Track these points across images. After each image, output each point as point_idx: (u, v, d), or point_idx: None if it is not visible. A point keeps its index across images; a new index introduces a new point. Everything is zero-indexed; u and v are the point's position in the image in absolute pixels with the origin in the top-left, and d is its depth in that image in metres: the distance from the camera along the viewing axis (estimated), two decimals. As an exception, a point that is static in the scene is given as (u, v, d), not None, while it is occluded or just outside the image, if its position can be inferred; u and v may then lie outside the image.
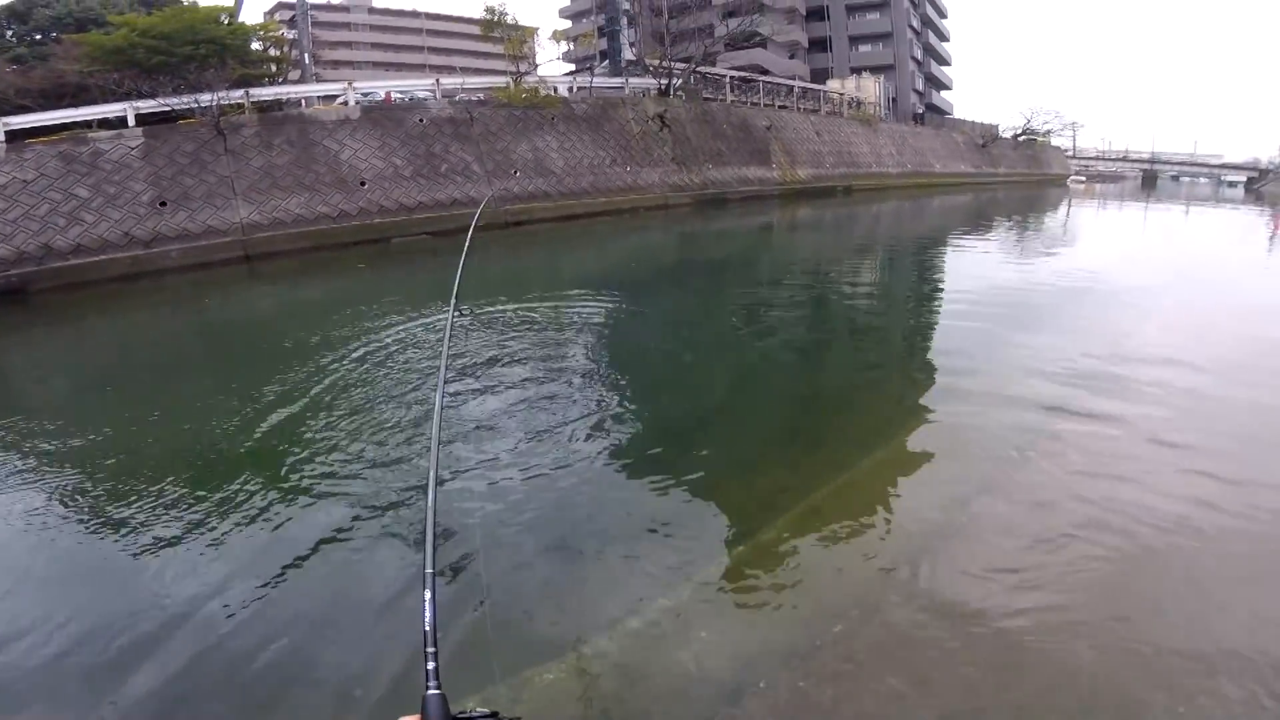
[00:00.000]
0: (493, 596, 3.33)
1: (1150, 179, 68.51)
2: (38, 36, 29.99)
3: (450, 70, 38.61)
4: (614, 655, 2.85)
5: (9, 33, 31.55)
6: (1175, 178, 75.34)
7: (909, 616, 3.02)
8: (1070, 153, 68.23)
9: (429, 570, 1.28)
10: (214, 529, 4.02)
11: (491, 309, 9.25)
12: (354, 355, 7.17)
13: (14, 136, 15.04)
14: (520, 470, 4.52)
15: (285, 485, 4.48)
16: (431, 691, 1.03)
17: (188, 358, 8.60)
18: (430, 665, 1.08)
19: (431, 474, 1.52)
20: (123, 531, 4.10)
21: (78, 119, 16.22)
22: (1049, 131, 56.92)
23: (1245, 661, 2.69)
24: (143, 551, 3.85)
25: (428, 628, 1.17)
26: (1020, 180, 51.03)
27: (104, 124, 16.34)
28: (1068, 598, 3.11)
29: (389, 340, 7.78)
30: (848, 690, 2.66)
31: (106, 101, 16.96)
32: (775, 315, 9.54)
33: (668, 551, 3.61)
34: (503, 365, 6.83)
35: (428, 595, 1.21)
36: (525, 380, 6.33)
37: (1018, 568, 3.36)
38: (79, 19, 29.42)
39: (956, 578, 3.29)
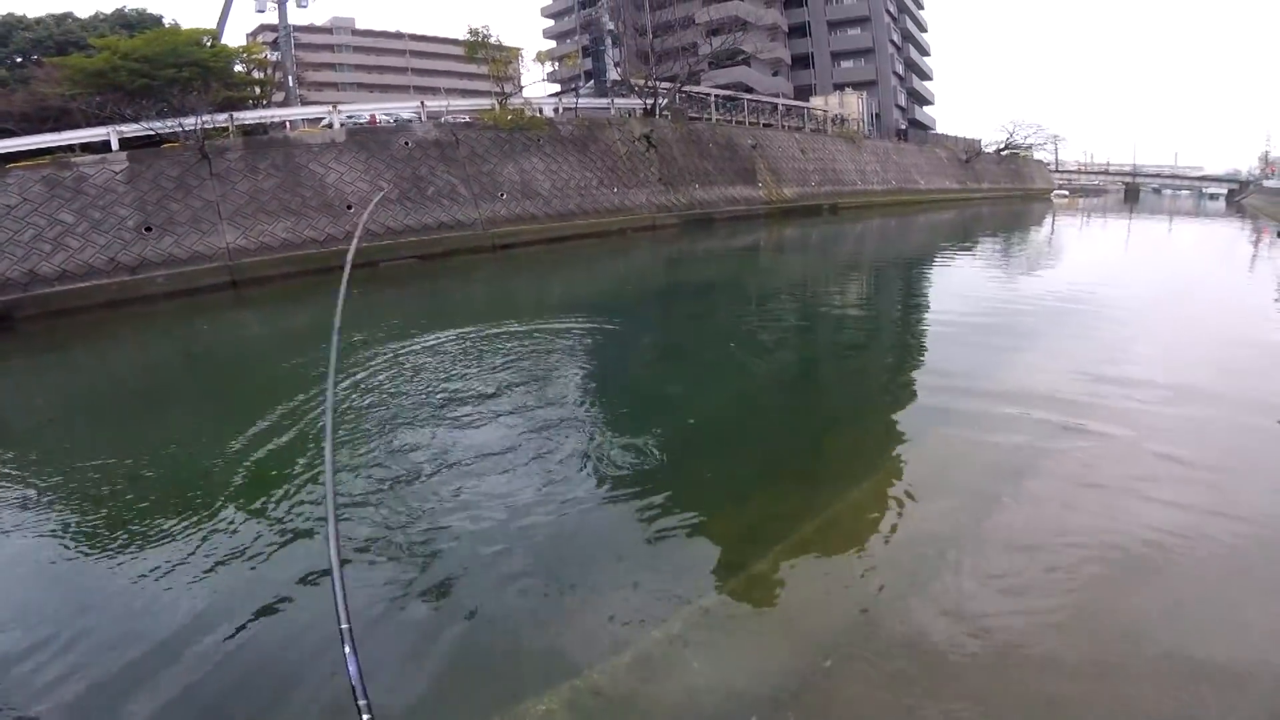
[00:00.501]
0: (482, 628, 3.36)
1: (1133, 192, 70.12)
2: (18, 59, 29.79)
3: (435, 92, 38.90)
4: (605, 688, 2.86)
5: (-11, 56, 31.32)
6: (1157, 191, 77.18)
7: (901, 652, 3.03)
8: (1053, 166, 69.75)
9: (344, 626, 1.23)
10: (195, 561, 4.03)
11: (480, 334, 9.32)
12: (341, 384, 7.18)
13: (-4, 162, 14.95)
14: (509, 499, 4.56)
15: (265, 516, 4.52)
16: None
17: (175, 387, 8.56)
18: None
19: (330, 527, 1.46)
20: (103, 561, 4.11)
21: (61, 143, 16.17)
22: (1031, 145, 58.18)
23: (1246, 675, 2.75)
24: (129, 579, 3.88)
25: (354, 683, 1.13)
26: (1004, 195, 51.96)
27: (87, 148, 16.28)
28: (1060, 634, 3.11)
29: (378, 367, 7.82)
30: None
31: (90, 125, 16.90)
32: (763, 339, 9.63)
33: (659, 583, 3.63)
34: (490, 391, 6.87)
35: (348, 650, 1.18)
36: (513, 407, 6.38)
37: (1010, 602, 3.38)
38: (59, 42, 29.31)
39: (948, 613, 3.30)
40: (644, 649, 3.08)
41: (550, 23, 55.40)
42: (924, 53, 57.23)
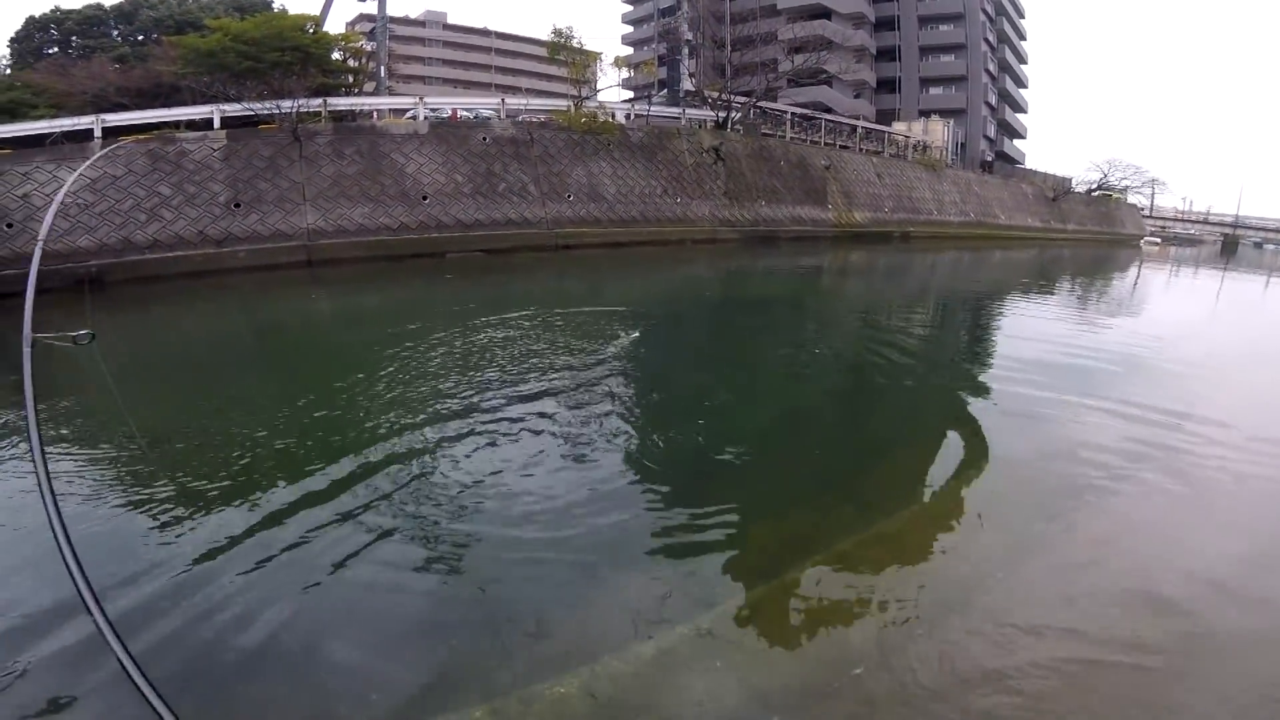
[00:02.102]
0: (505, 608, 3.35)
1: (1231, 245, 64.74)
2: (140, 37, 32.14)
3: (516, 90, 39.87)
4: (626, 678, 2.83)
5: (115, 32, 33.95)
6: (1259, 244, 70.94)
7: (930, 668, 2.96)
8: (1146, 211, 65.31)
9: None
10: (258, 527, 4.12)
11: (534, 328, 9.45)
12: (412, 367, 7.29)
13: (109, 133, 16.09)
14: (546, 487, 4.63)
15: (312, 487, 4.60)
16: None
17: (249, 362, 8.91)
18: None
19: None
20: (171, 516, 4.21)
21: (168, 119, 17.24)
22: (1126, 188, 54.45)
23: None
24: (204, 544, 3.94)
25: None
26: (1090, 239, 49.13)
27: (191, 125, 17.33)
28: (1092, 666, 3.03)
29: (455, 346, 7.94)
30: None
31: (196, 103, 17.97)
32: (818, 360, 9.46)
33: (690, 581, 3.58)
34: (540, 384, 6.97)
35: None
36: (561, 401, 6.46)
37: (1043, 630, 3.30)
38: (179, 21, 31.45)
39: (981, 635, 3.25)
40: (668, 643, 3.03)
41: (629, 29, 55.91)
42: (1020, 84, 54.67)
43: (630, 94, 38.34)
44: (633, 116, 24.73)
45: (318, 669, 2.99)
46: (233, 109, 17.54)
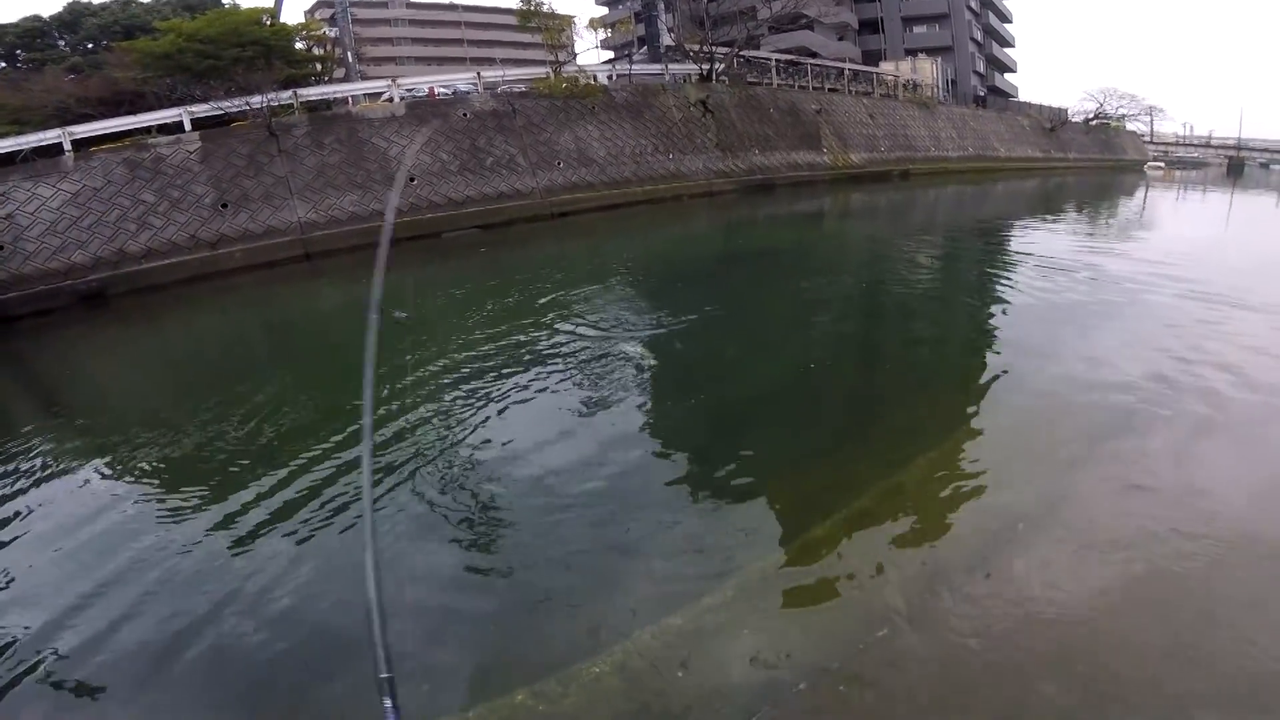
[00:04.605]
0: (535, 589, 3.39)
1: (1236, 166, 63.51)
2: (89, 45, 30.91)
3: (490, 62, 38.63)
4: (657, 651, 2.86)
5: (61, 42, 32.62)
6: (1265, 165, 69.39)
7: (956, 625, 2.93)
8: (1148, 138, 64.24)
9: (384, 675, 1.13)
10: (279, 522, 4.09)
11: (541, 299, 9.23)
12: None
13: (79, 145, 15.47)
14: (566, 458, 4.59)
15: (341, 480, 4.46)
16: None
17: (261, 358, 8.71)
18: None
19: (370, 571, 1.44)
20: (192, 521, 4.15)
21: (138, 125, 16.60)
22: (1123, 116, 53.46)
23: None
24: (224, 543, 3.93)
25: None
26: (1092, 166, 48.31)
27: (162, 129, 16.69)
28: (1120, 613, 2.99)
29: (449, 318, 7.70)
30: (888, 696, 2.62)
31: (162, 107, 17.30)
32: (825, 307, 9.20)
33: (713, 550, 3.56)
34: (550, 353, 6.85)
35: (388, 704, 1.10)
36: (572, 369, 6.37)
37: (1071, 579, 3.23)
38: (126, 26, 30.22)
39: (1006, 587, 3.19)
40: (696, 614, 3.07)
41: (602, -12, 54.04)
42: (1004, 19, 53.31)
43: (610, 54, 37.22)
44: (615, 77, 23.94)
45: (367, 655, 3.00)
46: (201, 109, 16.91)
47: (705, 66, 25.17)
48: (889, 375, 6.69)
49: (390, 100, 19.29)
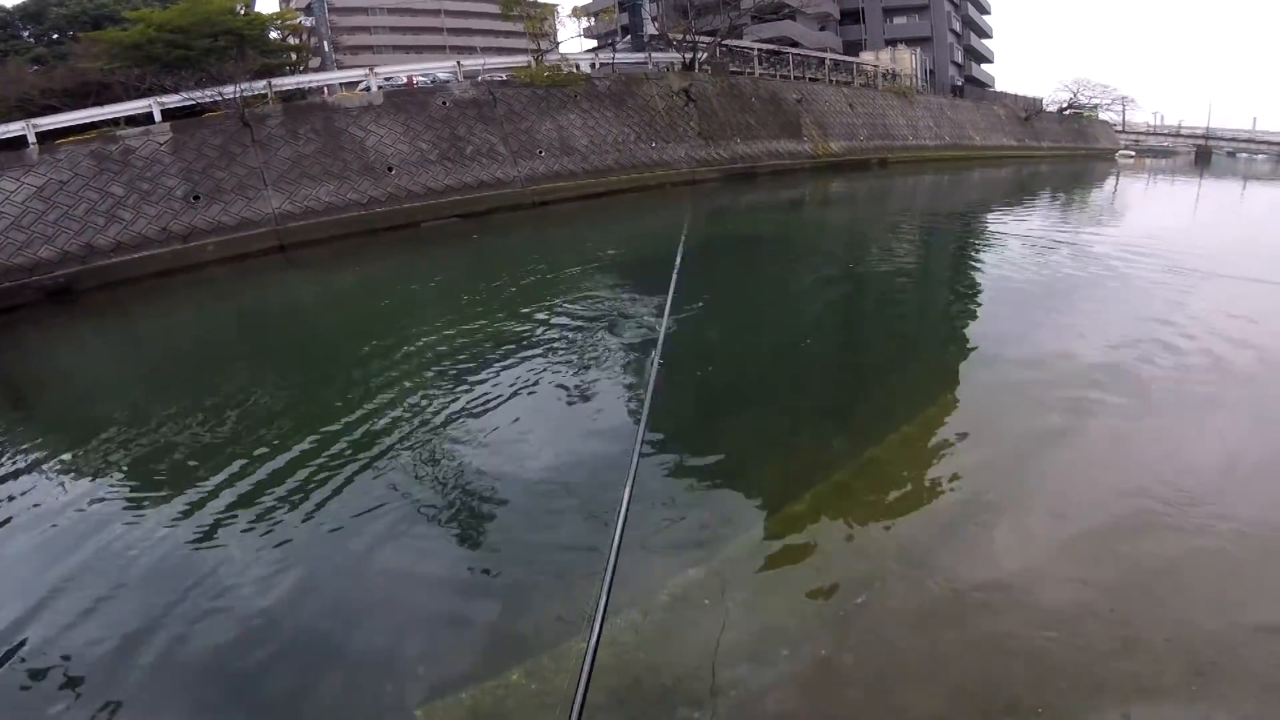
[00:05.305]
0: (524, 569, 3.42)
1: (1204, 155, 64.77)
2: (54, 36, 30.02)
3: (471, 51, 38.06)
4: (645, 626, 2.91)
5: (25, 33, 31.63)
6: (1232, 154, 70.96)
7: (931, 590, 3.02)
8: (1119, 127, 65.22)
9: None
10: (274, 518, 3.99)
11: (527, 285, 9.12)
12: (401, 350, 6.97)
13: (44, 138, 15.01)
14: (553, 447, 4.60)
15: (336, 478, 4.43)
16: None
17: (238, 352, 8.48)
18: None
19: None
20: (178, 521, 4.04)
21: (105, 117, 16.14)
22: (1096, 106, 54.29)
23: (1270, 643, 2.61)
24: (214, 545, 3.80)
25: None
26: (1065, 154, 49.06)
27: (131, 121, 16.25)
28: (1092, 577, 3.05)
29: (438, 329, 7.57)
30: (869, 659, 2.71)
31: (131, 98, 16.84)
32: (807, 290, 9.23)
33: (696, 526, 3.62)
34: (532, 340, 6.79)
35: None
36: (557, 356, 6.34)
37: (1042, 544, 3.32)
38: (94, 16, 29.35)
39: (980, 553, 3.29)
40: (681, 587, 3.12)
41: (583, -22, 53.49)
42: (983, 10, 53.86)
43: (593, 43, 36.88)
44: (598, 66, 23.75)
45: (360, 646, 3.06)
46: (172, 100, 16.47)
47: (688, 55, 25.06)
48: (869, 354, 6.78)
49: (368, 90, 18.96)
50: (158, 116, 16.02)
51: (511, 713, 2.62)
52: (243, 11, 24.21)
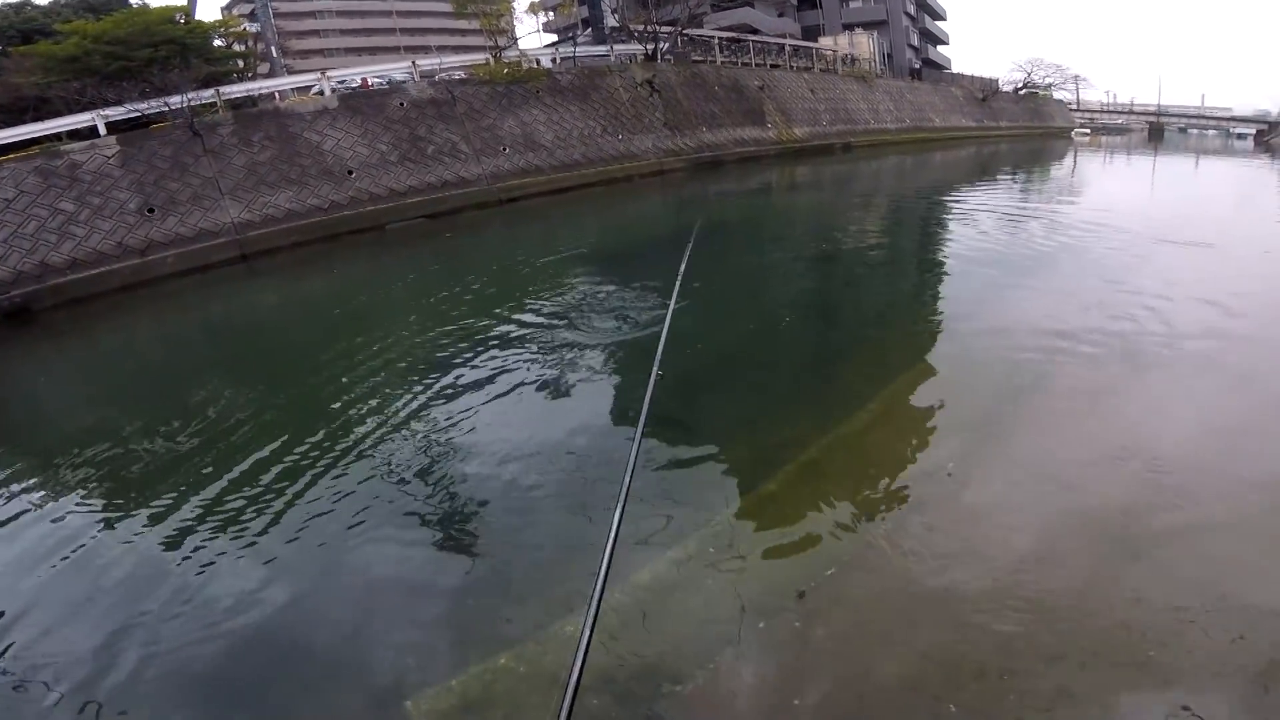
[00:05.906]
0: (507, 556, 3.44)
1: (1157, 131, 66.82)
2: (-18, 51, 28.67)
3: (426, 50, 37.36)
4: (627, 607, 2.98)
5: (-52, 50, 30.16)
6: (1183, 130, 73.24)
7: (898, 562, 3.13)
8: (1074, 106, 66.77)
9: None
10: (256, 531, 3.93)
11: (499, 281, 9.10)
12: (365, 357, 6.87)
13: (-18, 155, 14.39)
14: (532, 437, 4.64)
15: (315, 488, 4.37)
16: None
17: (207, 363, 8.26)
18: None
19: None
20: (168, 540, 3.94)
21: (46, 132, 15.51)
22: (1050, 85, 55.49)
23: (1234, 608, 2.68)
24: (203, 557, 3.73)
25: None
26: (1023, 133, 50.00)
27: (74, 135, 15.65)
28: (1058, 548, 3.14)
29: (400, 329, 7.47)
30: (839, 628, 2.83)
31: (72, 112, 16.21)
32: (773, 273, 9.32)
33: (674, 508, 3.70)
34: (508, 336, 6.77)
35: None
36: (533, 349, 6.34)
37: (1010, 516, 3.41)
38: (23, 30, 28.05)
39: (946, 523, 3.37)
40: (660, 568, 3.21)
41: (538, -28, 52.78)
42: None
43: (554, 37, 36.50)
44: (559, 60, 23.53)
45: (349, 642, 3.06)
46: (115, 113, 15.90)
47: (650, 46, 24.98)
48: (830, 336, 6.91)
49: (321, 93, 18.52)
50: (102, 130, 15.48)
51: (500, 697, 2.64)
52: (183, 20, 23.41)
